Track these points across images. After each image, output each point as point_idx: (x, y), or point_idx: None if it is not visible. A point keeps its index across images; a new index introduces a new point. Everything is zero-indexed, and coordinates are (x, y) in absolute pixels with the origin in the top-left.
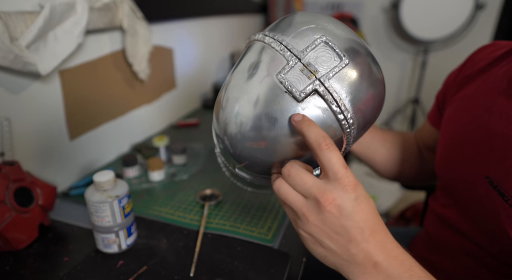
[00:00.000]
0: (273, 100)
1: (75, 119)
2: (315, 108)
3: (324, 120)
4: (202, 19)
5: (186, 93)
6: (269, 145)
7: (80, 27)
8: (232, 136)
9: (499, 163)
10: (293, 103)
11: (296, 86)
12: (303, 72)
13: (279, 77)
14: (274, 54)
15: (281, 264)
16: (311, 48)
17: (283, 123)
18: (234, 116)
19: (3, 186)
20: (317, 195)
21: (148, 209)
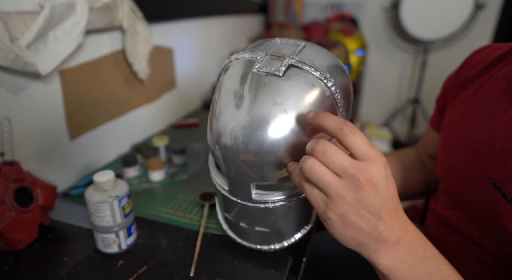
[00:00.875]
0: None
1: (75, 119)
2: (298, 77)
3: (311, 84)
4: (202, 19)
5: (186, 93)
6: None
7: (80, 27)
8: (227, 146)
9: (501, 165)
10: (277, 80)
11: (272, 67)
12: (273, 59)
13: (254, 69)
14: (248, 60)
15: (281, 264)
16: (271, 47)
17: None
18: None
19: (3, 186)
20: (356, 173)
21: (148, 209)
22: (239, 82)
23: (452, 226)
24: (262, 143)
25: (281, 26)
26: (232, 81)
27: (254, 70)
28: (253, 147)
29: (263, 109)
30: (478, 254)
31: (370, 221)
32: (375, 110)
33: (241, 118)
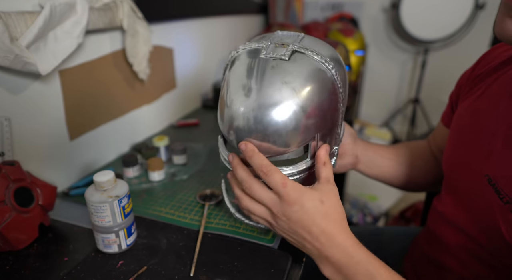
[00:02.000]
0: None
1: (75, 119)
2: (302, 60)
3: (314, 66)
4: (202, 19)
5: (186, 93)
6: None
7: (80, 27)
8: (239, 128)
9: (497, 162)
10: (284, 63)
11: (278, 53)
12: (277, 47)
13: (262, 55)
14: (254, 49)
15: (281, 264)
16: (275, 37)
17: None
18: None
19: (3, 186)
20: (271, 208)
21: (148, 209)
22: (248, 68)
23: (451, 221)
24: (273, 121)
25: (281, 26)
26: (241, 67)
27: (262, 56)
28: (265, 126)
29: (273, 88)
30: (475, 251)
31: (297, 240)
32: (375, 110)
33: (252, 100)
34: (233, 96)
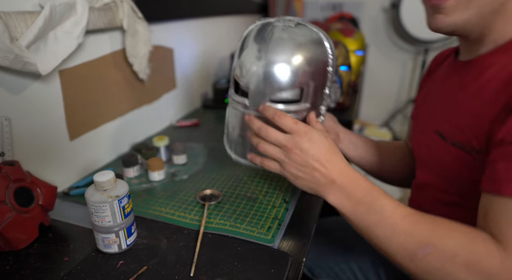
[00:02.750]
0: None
1: (75, 119)
2: (305, 30)
3: (314, 34)
4: (202, 19)
5: (186, 93)
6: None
7: (80, 27)
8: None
9: (441, 119)
10: (292, 28)
11: (287, 23)
12: (285, 21)
13: (274, 23)
14: (266, 22)
15: (281, 264)
16: (282, 17)
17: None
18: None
19: (3, 186)
20: (286, 144)
21: (148, 209)
22: (264, 29)
23: (422, 183)
24: (281, 67)
25: None
26: (258, 30)
27: (274, 23)
28: (273, 68)
29: (284, 42)
30: (443, 197)
31: (307, 172)
32: (375, 110)
33: (265, 51)
34: (249, 49)
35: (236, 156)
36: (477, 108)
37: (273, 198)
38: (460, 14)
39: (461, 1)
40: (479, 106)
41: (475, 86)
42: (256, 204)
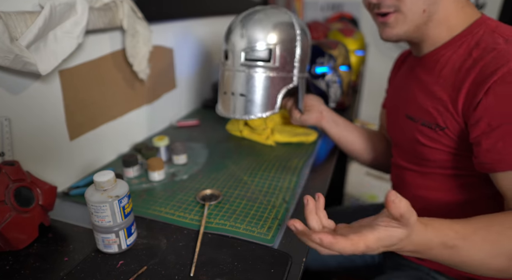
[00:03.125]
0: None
1: (75, 119)
2: (277, 11)
3: (283, 14)
4: (202, 19)
5: (186, 93)
6: None
7: (80, 27)
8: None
9: (410, 105)
10: (263, 8)
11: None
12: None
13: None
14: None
15: (281, 264)
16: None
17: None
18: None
19: (3, 186)
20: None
21: (148, 209)
22: (242, 13)
23: (397, 164)
24: (254, 27)
25: None
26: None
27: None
28: (248, 31)
29: (255, 19)
30: (412, 168)
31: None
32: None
33: (244, 21)
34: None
35: (223, 111)
36: (437, 92)
37: (273, 198)
38: (400, 27)
39: (398, 18)
40: (439, 91)
41: (432, 75)
42: (256, 204)
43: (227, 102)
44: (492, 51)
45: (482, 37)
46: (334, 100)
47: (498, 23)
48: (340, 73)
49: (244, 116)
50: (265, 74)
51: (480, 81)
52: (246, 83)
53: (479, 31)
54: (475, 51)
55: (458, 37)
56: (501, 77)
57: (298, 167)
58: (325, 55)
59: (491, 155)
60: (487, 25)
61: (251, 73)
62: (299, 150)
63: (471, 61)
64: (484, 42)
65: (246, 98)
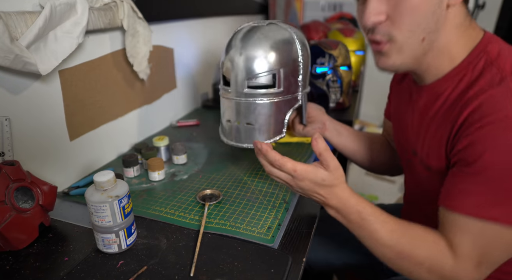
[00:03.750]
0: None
1: (75, 119)
2: (275, 26)
3: (282, 30)
4: (202, 19)
5: (186, 93)
6: None
7: (81, 27)
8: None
9: (414, 139)
10: (264, 26)
11: (260, 23)
12: (259, 23)
13: (250, 23)
14: (246, 25)
15: (281, 264)
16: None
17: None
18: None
19: (3, 186)
20: (288, 182)
21: (148, 209)
22: (241, 31)
23: (406, 188)
24: (255, 54)
25: None
26: (237, 33)
27: (250, 24)
28: (248, 57)
29: (255, 39)
30: (416, 200)
31: (308, 196)
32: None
33: (244, 45)
34: (233, 45)
35: (226, 139)
36: (435, 131)
37: (273, 198)
38: (396, 57)
39: (393, 47)
40: (436, 129)
41: (431, 111)
42: (256, 204)
43: (231, 130)
44: (483, 93)
45: (482, 71)
46: (334, 100)
47: (500, 47)
48: (340, 73)
49: (250, 145)
50: (271, 101)
51: (466, 127)
52: (251, 112)
53: (479, 62)
54: (471, 90)
55: (459, 68)
56: (479, 127)
57: None
58: (325, 55)
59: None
60: (488, 54)
61: (256, 101)
62: (299, 150)
63: (465, 101)
64: (482, 79)
65: (252, 126)
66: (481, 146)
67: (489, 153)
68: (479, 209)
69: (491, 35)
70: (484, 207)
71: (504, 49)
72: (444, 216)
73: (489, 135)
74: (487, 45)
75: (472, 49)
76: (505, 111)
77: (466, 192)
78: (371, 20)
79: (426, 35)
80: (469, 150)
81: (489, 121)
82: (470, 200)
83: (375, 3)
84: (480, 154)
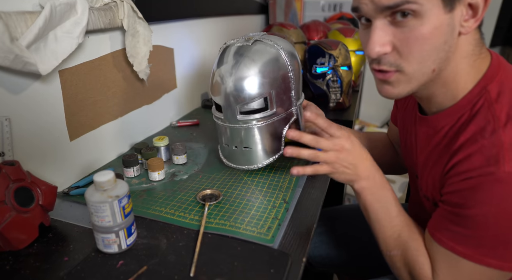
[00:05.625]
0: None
1: (75, 119)
2: (261, 44)
3: (269, 48)
4: (202, 19)
5: (186, 93)
6: None
7: (81, 27)
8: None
9: (417, 166)
10: (249, 46)
11: (246, 42)
12: (245, 40)
13: (236, 44)
14: (231, 43)
15: (281, 264)
16: (245, 36)
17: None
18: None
19: (3, 186)
20: (334, 147)
21: (148, 209)
22: (229, 52)
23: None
24: (243, 81)
25: (281, 26)
26: (224, 55)
27: (236, 44)
28: (238, 84)
29: (242, 65)
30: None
31: (350, 168)
32: (374, 110)
33: (232, 71)
34: (223, 71)
35: (226, 161)
36: (432, 166)
37: (273, 198)
38: (404, 87)
39: (401, 78)
40: (433, 164)
41: (431, 144)
42: (256, 204)
43: (230, 153)
44: (474, 143)
45: (478, 113)
46: (334, 100)
47: (501, 87)
48: (340, 73)
49: (251, 167)
50: (266, 123)
51: (453, 173)
52: (247, 137)
53: (478, 102)
54: (464, 134)
55: (459, 106)
56: (466, 179)
57: None
58: (325, 55)
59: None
60: (488, 93)
61: (250, 127)
62: None
63: (458, 146)
64: (476, 123)
65: (250, 149)
66: (467, 197)
67: (474, 204)
68: (454, 244)
69: (496, 62)
70: (460, 244)
71: (505, 92)
72: (427, 238)
73: (477, 189)
74: (490, 82)
75: (476, 83)
76: (493, 167)
77: (446, 228)
78: (375, 51)
79: (436, 65)
80: (455, 196)
81: (477, 174)
82: (449, 235)
83: (381, 33)
84: (464, 203)
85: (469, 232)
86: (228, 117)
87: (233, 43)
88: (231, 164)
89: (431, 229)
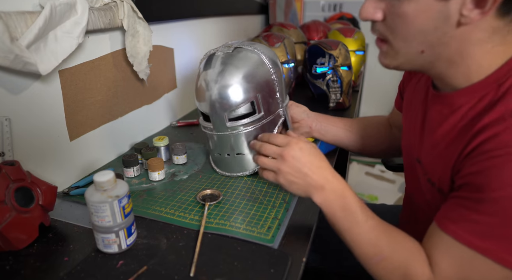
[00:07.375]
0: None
1: (75, 119)
2: (243, 51)
3: (249, 53)
4: (202, 19)
5: (186, 93)
6: None
7: (81, 27)
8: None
9: (421, 149)
10: (229, 54)
11: (226, 50)
12: (225, 48)
13: (217, 53)
14: (212, 52)
15: (281, 264)
16: (225, 44)
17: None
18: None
19: (3, 186)
20: (281, 153)
21: (148, 209)
22: (211, 61)
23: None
24: (228, 89)
25: (281, 26)
26: (206, 63)
27: (217, 53)
28: (223, 92)
29: (226, 74)
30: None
31: (300, 177)
32: (374, 110)
33: (216, 78)
34: (208, 79)
35: (219, 169)
36: (444, 149)
37: (273, 198)
38: (391, 60)
39: (389, 50)
40: (446, 147)
41: (444, 126)
42: (256, 204)
43: (222, 162)
44: (503, 122)
45: (506, 94)
46: (334, 100)
47: None
48: (340, 73)
49: (246, 173)
50: (255, 127)
51: (478, 152)
52: (238, 143)
53: (507, 81)
54: (491, 114)
55: (481, 85)
56: (494, 157)
57: None
58: (325, 55)
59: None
60: None
61: (240, 132)
62: None
63: (482, 126)
64: (504, 103)
65: (243, 155)
66: (493, 176)
67: (501, 185)
68: (472, 238)
69: None
70: (479, 237)
71: None
72: (434, 232)
73: (504, 167)
74: None
75: (502, 65)
76: None
77: (464, 218)
78: (363, 15)
79: (426, 48)
80: (479, 176)
81: (506, 152)
82: (466, 226)
83: None
84: (489, 183)
85: (491, 220)
86: (216, 125)
87: (214, 52)
88: (226, 173)
89: (441, 219)
